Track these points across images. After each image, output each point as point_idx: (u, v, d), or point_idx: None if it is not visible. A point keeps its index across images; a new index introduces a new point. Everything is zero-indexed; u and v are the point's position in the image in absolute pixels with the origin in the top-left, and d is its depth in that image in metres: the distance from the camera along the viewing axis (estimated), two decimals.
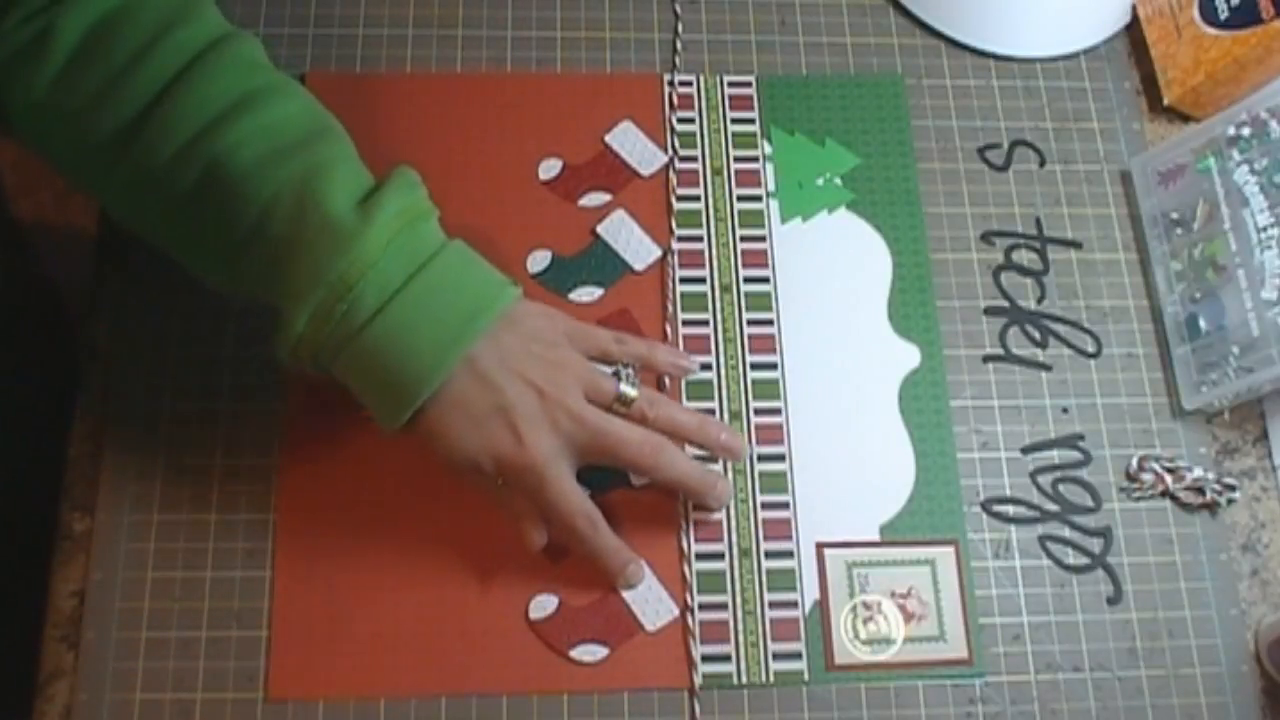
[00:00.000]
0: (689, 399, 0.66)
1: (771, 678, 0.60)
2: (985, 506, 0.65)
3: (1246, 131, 0.66)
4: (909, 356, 0.68)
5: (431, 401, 0.54)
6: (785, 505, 0.64)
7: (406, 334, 0.53)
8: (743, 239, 0.70)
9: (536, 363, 0.56)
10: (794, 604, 0.62)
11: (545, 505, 0.57)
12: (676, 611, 0.61)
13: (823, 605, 0.62)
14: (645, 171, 0.71)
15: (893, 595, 0.63)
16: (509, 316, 0.56)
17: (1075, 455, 0.67)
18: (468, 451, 0.55)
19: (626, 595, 0.61)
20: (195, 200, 0.54)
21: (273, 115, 0.54)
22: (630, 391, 0.58)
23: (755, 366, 0.67)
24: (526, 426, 0.55)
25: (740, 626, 0.61)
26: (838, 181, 0.72)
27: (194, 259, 0.57)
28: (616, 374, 0.58)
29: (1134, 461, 0.66)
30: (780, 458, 0.65)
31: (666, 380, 0.65)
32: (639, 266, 0.68)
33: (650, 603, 0.61)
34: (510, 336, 0.56)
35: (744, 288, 0.69)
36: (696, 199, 0.70)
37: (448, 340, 0.53)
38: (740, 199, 0.71)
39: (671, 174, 0.71)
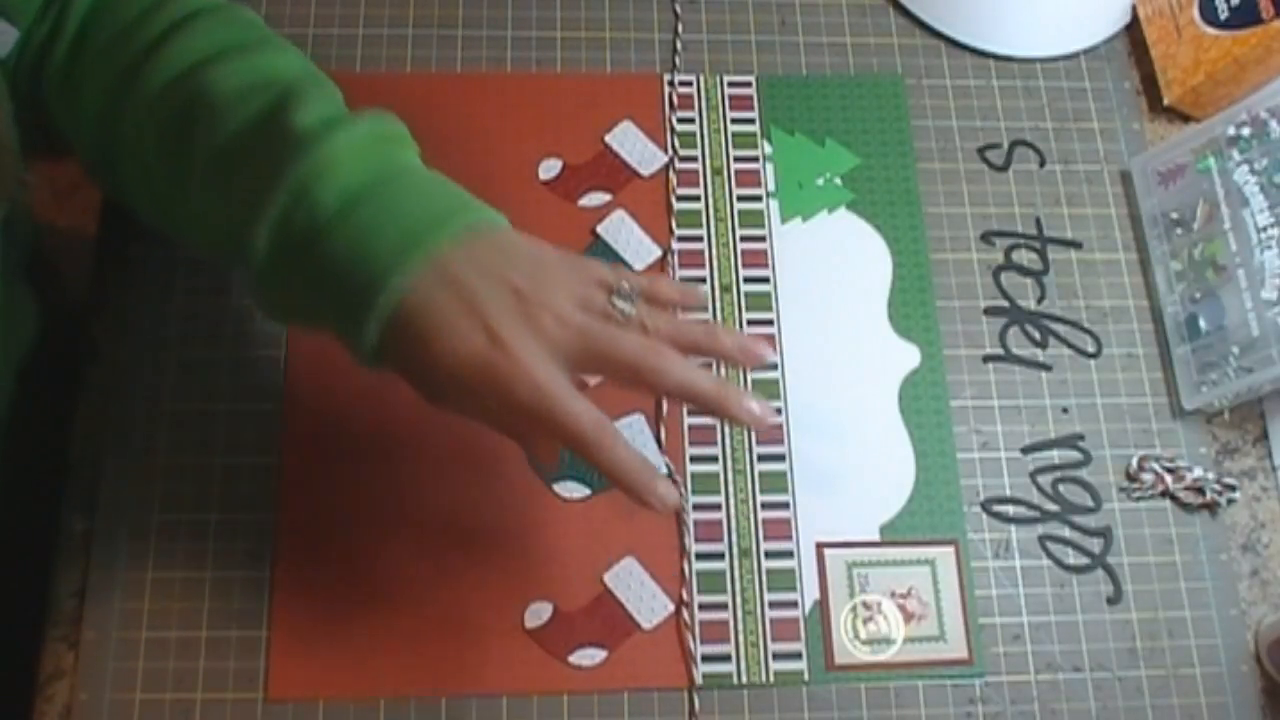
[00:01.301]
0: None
1: (771, 678, 0.60)
2: (985, 506, 0.65)
3: (1246, 131, 0.66)
4: (909, 356, 0.68)
5: (397, 314, 0.48)
6: (785, 505, 0.64)
7: (368, 236, 0.48)
8: (743, 239, 0.70)
9: (516, 269, 0.49)
10: (794, 604, 0.62)
11: (543, 417, 0.48)
12: (672, 607, 0.61)
13: (823, 605, 0.62)
14: (645, 171, 0.71)
15: (893, 595, 0.63)
16: (489, 235, 0.50)
17: (1075, 455, 0.67)
18: (440, 362, 0.48)
19: (621, 595, 0.61)
20: (180, 126, 0.52)
21: (266, 60, 0.53)
22: (626, 306, 0.50)
23: (755, 367, 0.67)
24: (501, 324, 0.47)
25: (740, 626, 0.61)
26: (838, 181, 0.72)
27: (178, 207, 0.54)
28: (612, 296, 0.52)
29: (1134, 461, 0.66)
30: (780, 458, 0.65)
31: None
32: (639, 266, 0.68)
33: (645, 600, 0.61)
34: (488, 248, 0.50)
35: (744, 288, 0.69)
36: (696, 199, 0.70)
37: (411, 241, 0.48)
38: (740, 199, 0.71)
39: (671, 174, 0.71)
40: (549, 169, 0.70)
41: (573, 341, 0.48)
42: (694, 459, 0.64)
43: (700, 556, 0.62)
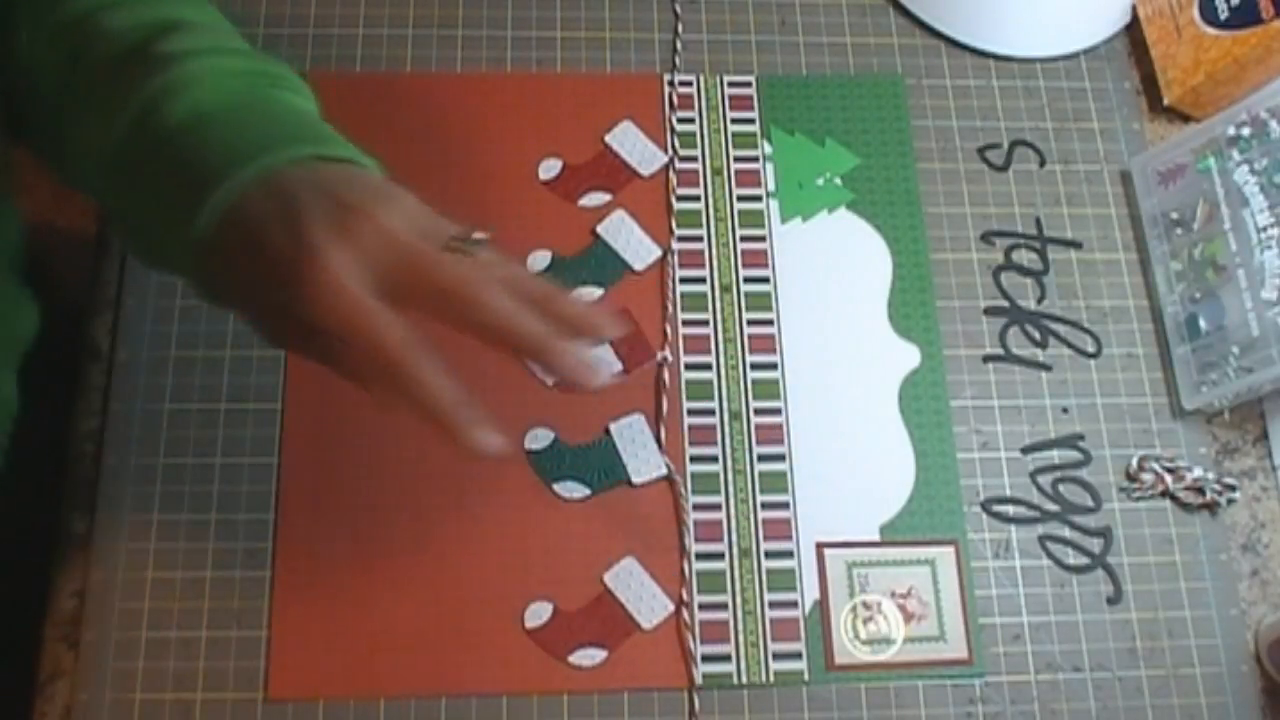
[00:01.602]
0: (689, 399, 0.66)
1: (771, 678, 0.60)
2: (985, 506, 0.65)
3: (1246, 131, 0.66)
4: (909, 356, 0.68)
5: (221, 221, 0.45)
6: (785, 505, 0.64)
7: (208, 148, 0.46)
8: (743, 239, 0.70)
9: (355, 190, 0.45)
10: (794, 604, 0.62)
11: (345, 328, 0.44)
12: (672, 607, 0.61)
13: (823, 605, 0.62)
14: (645, 171, 0.71)
15: (893, 595, 0.63)
16: (345, 169, 0.47)
17: (1075, 455, 0.67)
18: (252, 273, 0.45)
19: (621, 595, 0.61)
20: (71, 61, 0.51)
21: (170, 6, 0.52)
22: (468, 246, 0.46)
23: (755, 366, 0.67)
24: (313, 230, 0.44)
25: (740, 626, 0.61)
26: (838, 181, 0.72)
27: (76, 152, 0.52)
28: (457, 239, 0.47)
29: (1134, 461, 0.66)
30: (780, 458, 0.65)
31: (667, 379, 0.65)
32: (639, 266, 0.68)
33: (645, 600, 0.61)
34: (335, 175, 0.46)
35: (744, 288, 0.69)
36: (696, 199, 0.70)
37: (249, 155, 0.46)
38: (740, 199, 0.71)
39: (671, 174, 0.71)
40: (549, 169, 0.70)
41: (390, 258, 0.44)
42: (694, 459, 0.64)
43: (700, 556, 0.62)
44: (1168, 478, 0.65)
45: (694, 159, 0.71)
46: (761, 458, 0.65)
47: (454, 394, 0.46)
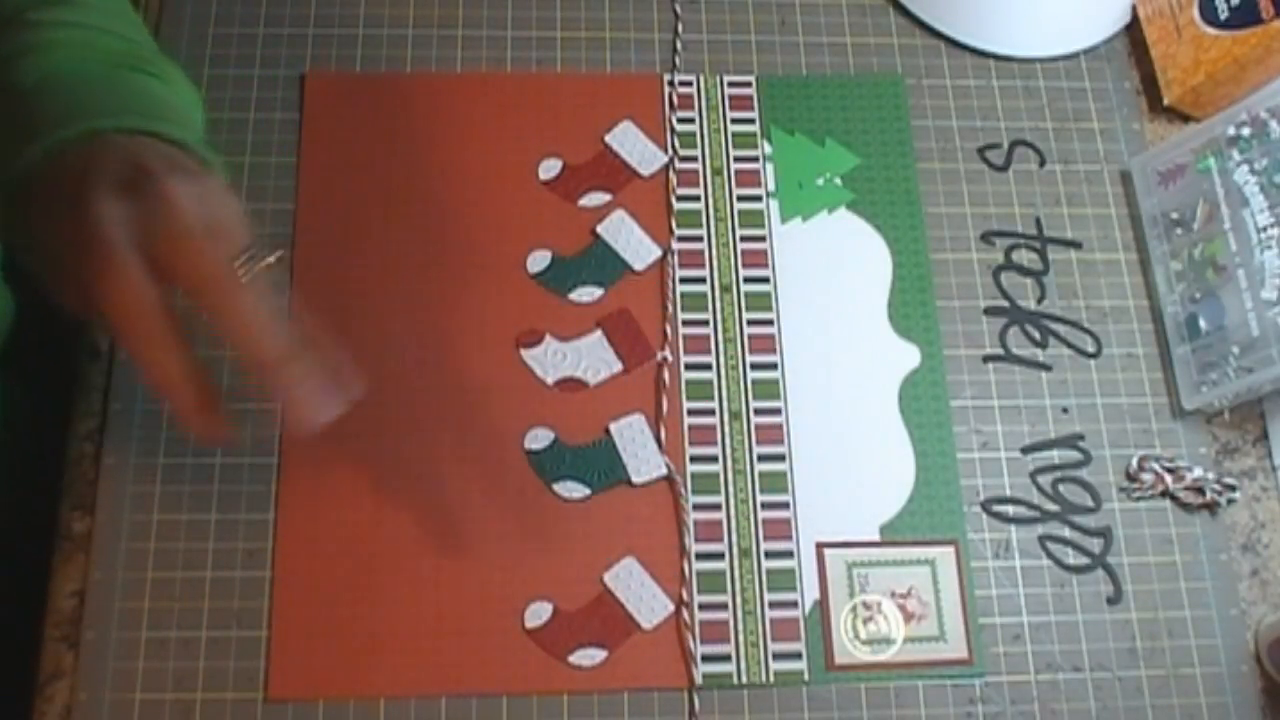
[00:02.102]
0: (689, 399, 0.66)
1: (771, 678, 0.60)
2: (985, 506, 0.65)
3: (1246, 131, 0.66)
4: (909, 356, 0.68)
5: (31, 180, 0.46)
6: (785, 505, 0.64)
7: (44, 107, 0.48)
8: (743, 239, 0.70)
9: (156, 156, 0.46)
10: (794, 604, 0.62)
11: (94, 276, 0.44)
12: (672, 607, 0.61)
13: (823, 605, 0.62)
14: (645, 171, 0.71)
15: (893, 595, 0.63)
16: (165, 148, 0.48)
17: (1075, 455, 0.67)
18: (37, 228, 0.46)
19: (621, 595, 0.61)
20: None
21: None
22: (244, 258, 0.46)
23: (755, 366, 0.67)
24: (98, 181, 0.45)
25: (740, 626, 0.61)
26: (838, 181, 0.72)
27: None
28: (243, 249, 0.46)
29: (1134, 461, 0.66)
30: (780, 458, 0.65)
31: (667, 379, 0.65)
32: (639, 266, 0.68)
33: (645, 600, 0.61)
34: (150, 148, 0.47)
35: (744, 288, 0.69)
36: (696, 199, 0.70)
37: (81, 116, 0.47)
38: (740, 199, 0.71)
39: (671, 174, 0.71)
40: (549, 169, 0.70)
41: (160, 227, 0.44)
42: (694, 459, 0.64)
43: (700, 556, 0.62)
44: (1168, 478, 0.65)
45: (694, 159, 0.71)
46: (761, 458, 0.65)
47: (182, 373, 0.46)
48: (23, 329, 0.66)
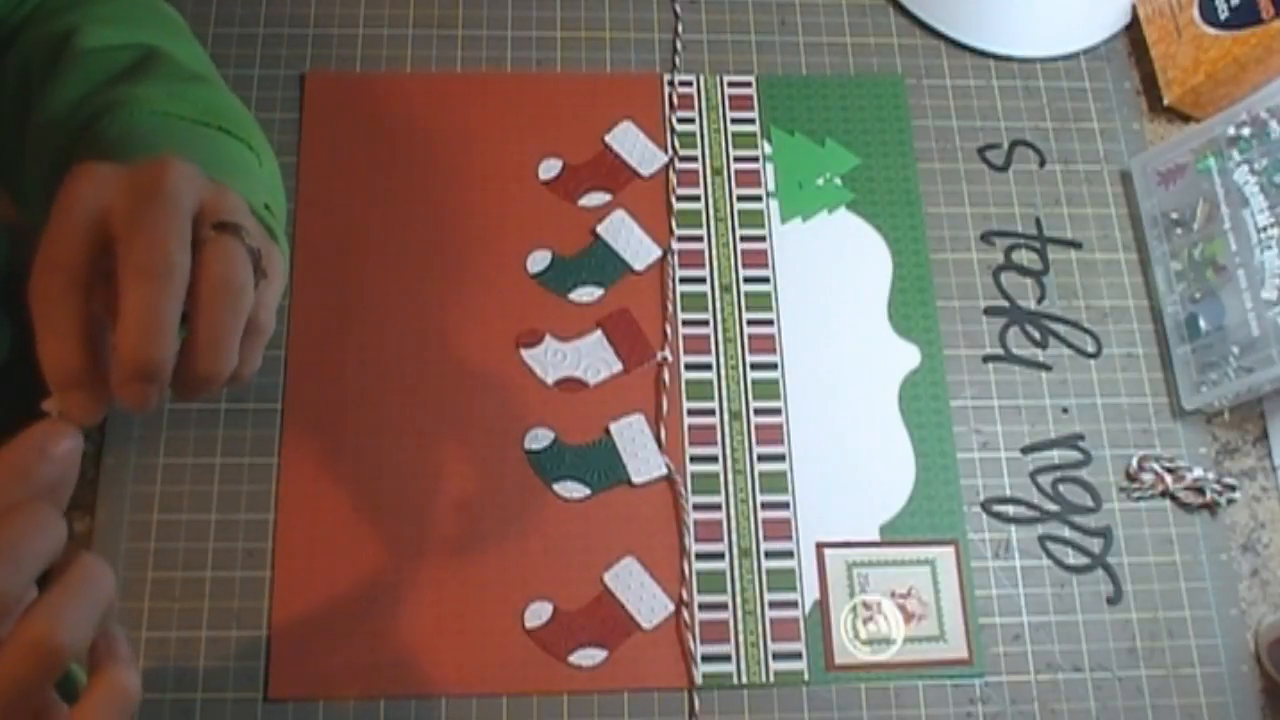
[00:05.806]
0: (689, 400, 0.66)
1: (771, 678, 0.60)
2: (985, 506, 0.65)
3: (1246, 131, 0.66)
4: (909, 356, 0.68)
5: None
6: (785, 505, 0.64)
7: (130, 147, 0.48)
8: (743, 239, 0.70)
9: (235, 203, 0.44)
10: (794, 604, 0.62)
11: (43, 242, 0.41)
12: (672, 607, 0.61)
13: (823, 605, 0.62)
14: (645, 171, 0.71)
15: (893, 595, 0.63)
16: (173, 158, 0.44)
17: (1075, 455, 0.67)
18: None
19: (621, 595, 0.61)
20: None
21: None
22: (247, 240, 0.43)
23: (755, 366, 0.67)
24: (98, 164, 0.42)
25: (740, 626, 0.61)
26: (838, 181, 0.72)
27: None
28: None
29: (1134, 461, 0.66)
30: (780, 458, 0.65)
31: (667, 379, 0.65)
32: (639, 266, 0.68)
33: (645, 600, 0.61)
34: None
35: (744, 288, 0.69)
36: (696, 199, 0.70)
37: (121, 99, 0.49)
38: (740, 199, 0.71)
39: (671, 174, 0.71)
40: (549, 169, 0.70)
41: (129, 201, 0.40)
42: (694, 459, 0.64)
43: (700, 556, 0.62)
44: (1168, 478, 0.65)
45: (694, 159, 0.71)
46: (761, 458, 0.65)
47: (63, 351, 0.42)
48: (24, 355, 0.66)
